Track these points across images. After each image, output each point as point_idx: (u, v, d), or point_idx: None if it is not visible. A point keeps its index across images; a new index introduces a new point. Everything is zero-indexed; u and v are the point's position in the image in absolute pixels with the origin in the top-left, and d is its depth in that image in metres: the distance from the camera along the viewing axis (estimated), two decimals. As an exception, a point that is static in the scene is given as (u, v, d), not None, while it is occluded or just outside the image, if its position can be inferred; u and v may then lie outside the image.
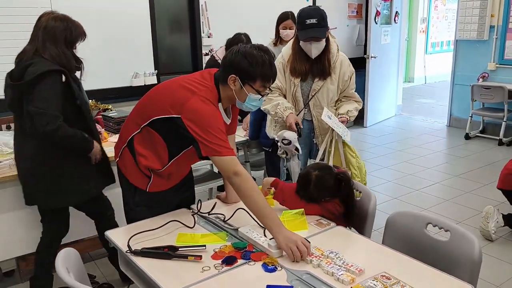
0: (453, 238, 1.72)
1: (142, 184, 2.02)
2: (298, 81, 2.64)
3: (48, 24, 2.37)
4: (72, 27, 2.45)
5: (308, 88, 2.66)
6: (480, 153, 5.32)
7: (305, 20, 2.51)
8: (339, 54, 2.70)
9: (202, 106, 1.80)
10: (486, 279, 2.70)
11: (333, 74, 2.66)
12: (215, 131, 1.78)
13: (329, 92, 2.67)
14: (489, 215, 3.19)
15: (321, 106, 2.67)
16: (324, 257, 1.62)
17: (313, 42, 2.53)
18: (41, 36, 2.34)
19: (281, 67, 2.64)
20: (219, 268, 1.59)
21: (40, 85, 2.19)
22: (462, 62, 6.21)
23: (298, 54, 2.62)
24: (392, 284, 1.43)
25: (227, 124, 2.00)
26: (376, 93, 6.56)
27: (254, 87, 1.85)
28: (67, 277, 1.46)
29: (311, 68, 2.62)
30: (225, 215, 1.99)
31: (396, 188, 4.27)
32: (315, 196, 1.99)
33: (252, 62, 1.81)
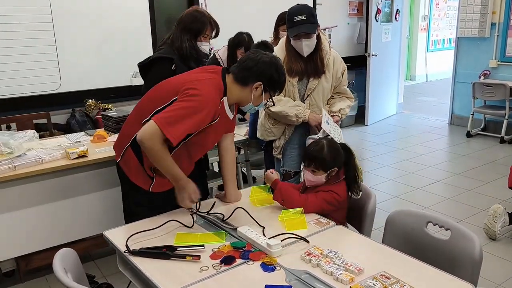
0: (454, 236, 1.71)
1: (145, 184, 2.03)
2: (296, 81, 2.62)
3: (182, 16, 2.65)
4: (199, 21, 2.63)
5: (304, 88, 2.64)
6: (481, 151, 5.30)
7: (294, 17, 2.48)
8: (331, 52, 2.69)
9: (210, 101, 1.87)
10: (487, 277, 2.69)
11: (327, 72, 2.64)
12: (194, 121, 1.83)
13: (324, 90, 2.67)
14: (497, 214, 3.15)
15: (317, 105, 2.66)
16: (323, 257, 1.61)
17: (303, 39, 2.49)
18: (174, 26, 2.64)
19: None
20: (218, 268, 1.58)
21: (151, 70, 2.53)
22: (463, 59, 6.19)
23: (291, 54, 2.59)
24: (392, 284, 1.41)
25: (229, 119, 2.05)
26: (377, 91, 6.54)
27: (271, 96, 2.01)
28: (64, 277, 1.46)
29: (305, 68, 2.60)
30: (224, 214, 1.98)
31: (397, 187, 4.26)
32: (329, 160, 2.00)
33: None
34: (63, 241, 2.64)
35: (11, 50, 3.77)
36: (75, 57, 4.06)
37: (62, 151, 2.64)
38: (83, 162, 2.60)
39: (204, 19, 2.63)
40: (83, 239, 2.81)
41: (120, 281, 2.66)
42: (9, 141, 2.58)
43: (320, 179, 2.04)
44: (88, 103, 4.13)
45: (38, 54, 3.87)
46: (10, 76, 3.77)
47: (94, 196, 2.73)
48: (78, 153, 2.60)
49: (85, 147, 2.68)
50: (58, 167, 2.52)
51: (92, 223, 2.72)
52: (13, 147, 2.55)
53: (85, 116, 4.12)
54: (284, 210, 1.95)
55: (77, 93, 4.10)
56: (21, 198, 2.51)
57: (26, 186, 2.50)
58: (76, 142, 2.94)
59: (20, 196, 2.50)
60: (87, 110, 4.15)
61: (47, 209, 2.60)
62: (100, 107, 4.15)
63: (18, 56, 3.78)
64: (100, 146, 2.82)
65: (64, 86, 4.04)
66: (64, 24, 3.98)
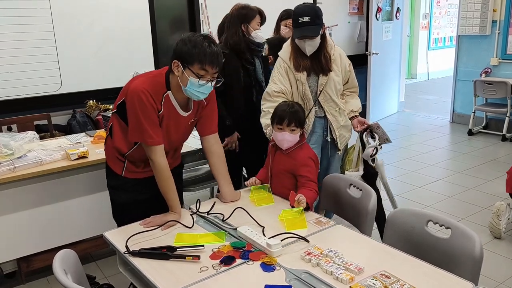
0: (454, 235, 1.70)
1: (118, 168, 2.12)
2: (304, 78, 2.59)
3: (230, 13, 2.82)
4: (244, 10, 2.80)
5: (315, 84, 2.62)
6: (483, 149, 5.29)
7: (299, 18, 2.47)
8: (336, 48, 2.69)
9: (137, 92, 1.89)
10: (489, 276, 2.68)
11: (335, 66, 2.63)
12: (143, 118, 1.90)
13: (336, 84, 2.64)
14: (500, 212, 3.12)
15: (332, 99, 2.63)
16: (323, 256, 1.61)
17: (307, 40, 2.50)
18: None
19: (283, 72, 2.61)
20: (218, 268, 1.58)
21: None
22: (464, 57, 6.17)
23: (296, 51, 2.59)
24: (392, 283, 1.41)
25: (183, 116, 2.04)
26: (378, 90, 6.53)
27: (193, 71, 1.88)
28: (64, 279, 1.46)
29: (311, 65, 2.60)
30: (224, 214, 1.98)
31: (398, 185, 4.25)
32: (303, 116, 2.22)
33: (191, 46, 1.86)
34: (64, 242, 2.65)
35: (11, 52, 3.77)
36: (75, 58, 4.06)
37: (62, 152, 2.64)
38: (84, 163, 2.60)
39: (248, 9, 2.81)
40: (84, 240, 2.81)
41: (121, 282, 2.66)
42: (10, 142, 2.58)
43: (296, 137, 2.17)
44: (89, 104, 4.13)
45: (39, 55, 3.87)
46: (11, 77, 3.77)
47: (95, 197, 2.73)
48: (78, 154, 2.60)
49: (86, 148, 2.68)
50: (59, 168, 2.53)
51: (92, 224, 2.72)
52: (14, 148, 2.55)
53: (85, 117, 4.12)
54: (284, 209, 1.95)
55: (78, 94, 4.10)
56: (21, 200, 2.51)
57: (27, 187, 2.51)
58: (76, 143, 2.94)
59: (21, 198, 2.50)
60: (88, 111, 4.15)
61: (48, 210, 2.60)
62: (101, 107, 4.15)
63: (18, 57, 3.78)
64: (100, 147, 2.80)
65: (64, 87, 4.05)
66: (64, 25, 3.98)
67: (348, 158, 2.94)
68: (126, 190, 2.13)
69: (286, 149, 2.19)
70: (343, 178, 2.31)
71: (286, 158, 2.20)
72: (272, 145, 2.26)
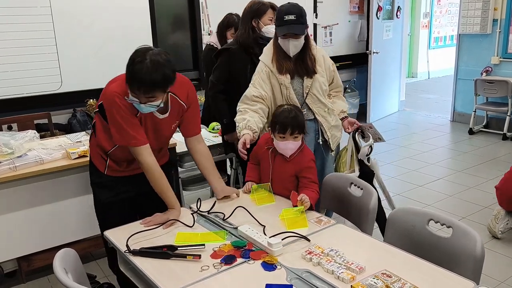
0: (455, 234, 1.70)
1: (101, 166, 2.14)
2: (288, 82, 2.50)
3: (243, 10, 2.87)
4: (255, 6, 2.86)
5: (301, 86, 2.55)
6: (484, 148, 5.28)
7: (284, 16, 2.42)
8: (318, 48, 2.64)
9: (113, 96, 1.89)
10: (490, 275, 2.68)
11: (319, 67, 2.57)
12: (123, 121, 1.91)
13: (321, 84, 2.58)
14: (499, 216, 3.14)
15: (319, 100, 2.57)
16: (324, 255, 1.60)
17: (291, 39, 2.43)
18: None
19: (264, 76, 2.51)
20: (218, 267, 1.58)
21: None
22: (465, 56, 6.16)
23: (279, 52, 2.51)
24: (393, 282, 1.40)
25: (160, 118, 2.02)
26: (378, 89, 6.52)
27: (132, 91, 1.84)
28: (65, 278, 1.45)
29: (295, 67, 2.53)
30: (224, 213, 1.98)
31: (399, 184, 4.24)
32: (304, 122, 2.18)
33: (131, 70, 1.79)
34: (64, 241, 2.64)
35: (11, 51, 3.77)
36: (75, 57, 4.06)
37: (62, 151, 2.64)
38: (84, 162, 2.59)
39: (260, 4, 2.84)
40: (85, 239, 2.81)
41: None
42: (10, 141, 2.58)
43: (299, 143, 2.16)
44: (89, 103, 4.13)
45: (39, 54, 3.87)
46: (11, 76, 3.77)
47: (95, 196, 2.72)
48: (78, 153, 2.60)
49: (86, 147, 2.68)
50: (59, 167, 2.52)
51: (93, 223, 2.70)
52: (14, 147, 2.55)
53: (86, 116, 4.12)
54: (285, 208, 1.95)
55: (78, 93, 4.10)
56: (22, 199, 2.51)
57: (27, 186, 2.50)
58: (77, 142, 2.94)
59: (21, 197, 2.50)
60: (88, 110, 4.15)
61: (48, 209, 2.60)
62: (101, 107, 4.14)
63: (19, 56, 3.78)
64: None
65: (65, 86, 4.04)
66: (64, 24, 3.97)
67: (341, 160, 2.93)
68: (109, 188, 2.14)
69: None
70: (344, 177, 2.30)
71: (289, 164, 2.18)
72: (272, 150, 2.22)
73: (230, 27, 3.53)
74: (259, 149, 2.30)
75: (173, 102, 2.04)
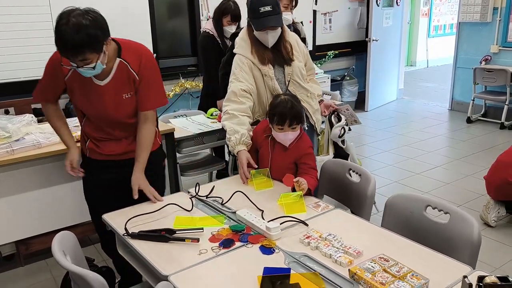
0: (453, 220, 1.71)
1: (84, 148, 2.16)
2: (272, 72, 2.43)
3: None
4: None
5: (282, 75, 2.49)
6: (481, 137, 5.29)
7: (259, 8, 2.32)
8: (290, 33, 2.57)
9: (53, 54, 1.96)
10: (485, 261, 2.70)
11: (295, 51, 2.52)
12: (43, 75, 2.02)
13: (301, 70, 2.53)
14: (490, 205, 3.18)
15: (301, 86, 2.52)
16: (322, 240, 1.61)
17: (269, 31, 2.36)
18: None
19: (247, 68, 2.41)
20: (217, 251, 1.58)
21: None
22: (464, 45, 6.14)
23: (257, 44, 2.43)
24: (390, 266, 1.41)
25: (99, 85, 1.95)
26: (377, 76, 6.50)
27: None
28: (63, 260, 1.46)
29: (274, 57, 2.46)
30: (223, 198, 1.98)
31: (396, 172, 4.26)
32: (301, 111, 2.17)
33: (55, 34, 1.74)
34: (62, 225, 2.64)
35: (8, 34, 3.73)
36: (73, 41, 4.01)
37: (60, 135, 2.62)
38: (82, 146, 2.59)
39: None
40: (83, 223, 2.81)
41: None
42: (7, 125, 2.57)
43: (297, 132, 2.15)
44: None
45: (36, 38, 3.82)
46: (8, 60, 3.73)
47: (93, 180, 2.72)
48: (76, 137, 2.58)
49: (84, 131, 2.67)
50: (57, 151, 2.51)
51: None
52: (11, 131, 2.54)
53: (83, 101, 4.09)
54: (283, 193, 1.95)
55: (76, 77, 4.06)
56: (20, 182, 2.50)
57: (25, 170, 2.50)
58: (74, 126, 2.91)
59: (19, 180, 2.50)
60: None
61: (47, 193, 2.60)
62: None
63: (16, 40, 3.74)
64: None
65: (62, 71, 4.00)
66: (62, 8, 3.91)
67: (319, 144, 2.94)
68: (91, 172, 2.16)
69: None
70: (342, 163, 2.31)
71: (288, 152, 2.18)
72: (270, 138, 2.21)
73: (226, 14, 3.49)
74: (257, 136, 2.30)
75: (121, 69, 1.95)
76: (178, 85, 4.80)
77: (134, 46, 2.01)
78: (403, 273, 1.37)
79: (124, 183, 2.04)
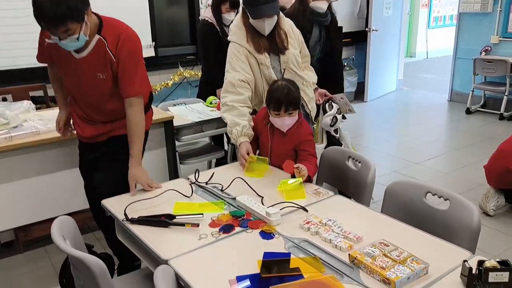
0: (453, 207, 1.71)
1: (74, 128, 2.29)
2: (268, 61, 2.41)
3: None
4: None
5: (278, 63, 2.46)
6: (480, 127, 5.29)
7: None
8: (286, 20, 2.53)
9: None
10: (484, 249, 2.71)
11: (290, 39, 2.49)
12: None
13: (296, 57, 2.50)
14: (489, 194, 3.19)
15: (297, 74, 2.48)
16: (322, 225, 1.61)
17: (266, 19, 2.31)
18: None
19: (243, 57, 2.37)
20: (217, 236, 1.58)
21: None
22: (465, 35, 6.11)
23: (253, 32, 2.39)
24: (391, 251, 1.41)
25: (76, 58, 1.95)
26: (377, 67, 6.48)
27: None
28: (63, 244, 1.45)
29: (269, 45, 2.42)
30: (222, 184, 1.98)
31: (395, 162, 4.26)
32: (298, 97, 2.15)
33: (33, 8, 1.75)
34: (61, 212, 2.61)
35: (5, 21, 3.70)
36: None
37: (59, 122, 2.61)
38: (81, 133, 2.57)
39: None
40: (82, 211, 2.80)
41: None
42: (5, 111, 2.55)
43: (295, 118, 2.14)
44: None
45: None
46: (6, 47, 3.71)
47: (92, 167, 2.71)
48: (75, 124, 2.58)
49: (82, 118, 2.65)
50: (56, 138, 2.49)
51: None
52: (9, 117, 2.52)
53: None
54: (283, 180, 1.95)
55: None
56: (18, 169, 2.49)
57: (24, 156, 2.48)
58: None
59: (18, 167, 2.48)
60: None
61: (45, 180, 2.58)
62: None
63: (14, 27, 3.70)
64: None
65: (60, 59, 3.98)
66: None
67: (314, 132, 2.93)
68: (80, 153, 2.34)
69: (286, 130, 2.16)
70: (342, 151, 2.31)
71: (287, 138, 2.18)
72: (270, 125, 2.20)
73: (224, 1, 3.46)
74: (258, 123, 2.29)
75: (99, 46, 1.92)
76: (177, 74, 4.78)
77: (116, 25, 1.96)
78: (403, 258, 1.37)
79: (105, 161, 2.11)
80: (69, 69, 1.98)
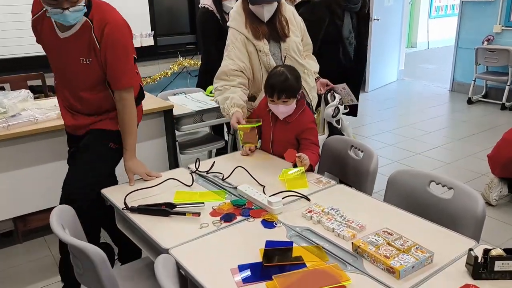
0: (457, 195, 1.68)
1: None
2: (267, 48, 2.36)
3: None
4: None
5: (278, 50, 2.42)
6: (482, 117, 5.26)
7: None
8: (288, 6, 2.49)
9: None
10: (486, 239, 2.68)
11: (292, 26, 2.44)
12: None
13: (297, 45, 2.46)
14: (493, 184, 3.17)
15: (298, 62, 2.44)
16: (325, 214, 1.59)
17: (265, 5, 2.28)
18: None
19: (240, 45, 2.33)
20: (218, 225, 1.56)
21: None
22: (467, 24, 6.06)
23: (252, 18, 2.35)
24: (394, 240, 1.39)
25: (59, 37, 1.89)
26: (378, 57, 6.43)
27: None
28: (62, 233, 1.43)
29: (269, 31, 2.38)
30: (223, 174, 1.96)
31: (397, 152, 4.24)
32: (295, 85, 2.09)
33: None
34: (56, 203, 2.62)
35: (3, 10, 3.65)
36: (69, 17, 3.94)
37: (58, 111, 2.57)
38: (80, 123, 2.54)
39: None
40: (81, 201, 2.78)
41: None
42: (3, 100, 2.52)
43: (292, 107, 2.10)
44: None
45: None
46: (3, 36, 3.67)
47: (92, 157, 2.68)
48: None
49: (81, 107, 2.62)
50: (54, 127, 2.47)
51: (90, 184, 2.69)
52: (7, 106, 2.49)
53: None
54: (285, 169, 1.92)
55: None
56: (17, 158, 2.46)
57: (22, 146, 2.46)
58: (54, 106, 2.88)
59: (16, 156, 2.46)
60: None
61: (44, 169, 2.56)
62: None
63: (11, 15, 3.66)
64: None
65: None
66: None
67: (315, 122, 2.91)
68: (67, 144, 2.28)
69: (288, 118, 2.14)
70: (344, 140, 2.28)
71: (289, 126, 2.15)
72: (272, 112, 2.18)
73: None
74: (260, 111, 2.26)
75: (84, 29, 1.85)
76: (177, 64, 4.74)
77: (105, 9, 1.88)
78: (408, 247, 1.35)
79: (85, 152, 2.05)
80: (52, 48, 1.93)
